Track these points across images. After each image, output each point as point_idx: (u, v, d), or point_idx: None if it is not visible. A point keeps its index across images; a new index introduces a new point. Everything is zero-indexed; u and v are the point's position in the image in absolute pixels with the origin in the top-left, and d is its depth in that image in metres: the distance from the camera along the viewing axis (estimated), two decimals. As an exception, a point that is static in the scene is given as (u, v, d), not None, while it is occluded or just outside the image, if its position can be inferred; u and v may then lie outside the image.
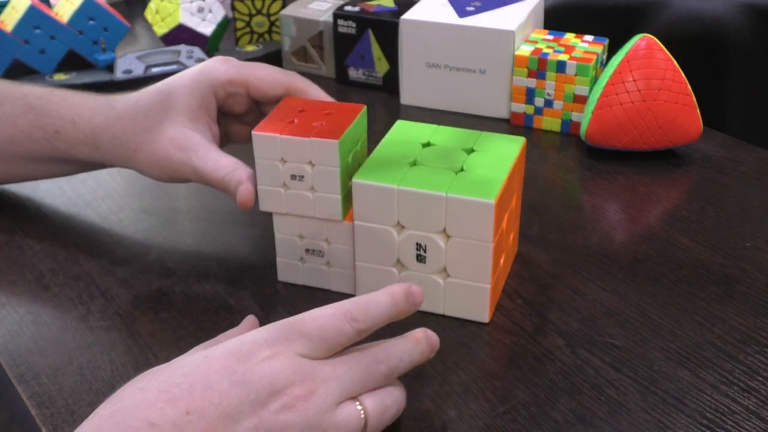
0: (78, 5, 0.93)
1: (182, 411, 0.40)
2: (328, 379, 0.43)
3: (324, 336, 0.44)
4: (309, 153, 0.55)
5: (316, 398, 0.42)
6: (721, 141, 0.81)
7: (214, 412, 0.40)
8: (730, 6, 1.01)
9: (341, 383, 0.44)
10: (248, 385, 0.41)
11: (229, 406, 0.41)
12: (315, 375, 0.43)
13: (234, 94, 0.62)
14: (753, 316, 0.58)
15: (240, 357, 0.42)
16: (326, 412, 0.43)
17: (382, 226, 0.55)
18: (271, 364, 0.42)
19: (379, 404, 0.45)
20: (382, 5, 0.90)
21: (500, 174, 0.55)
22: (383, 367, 0.45)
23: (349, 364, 0.44)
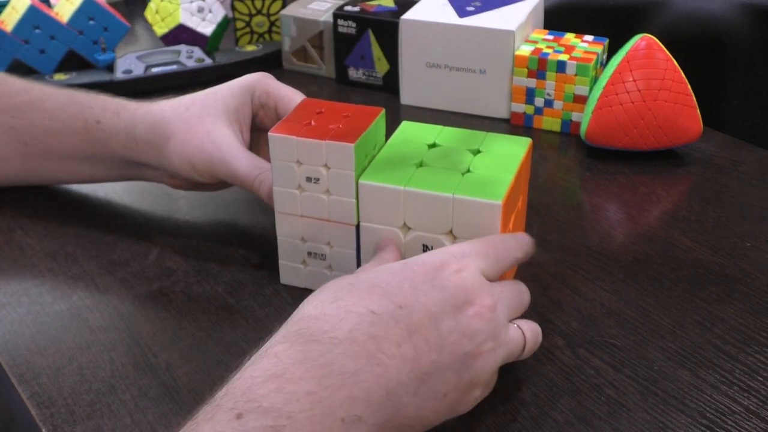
0: (78, 5, 0.93)
1: (396, 305, 0.44)
2: (503, 297, 0.48)
3: (499, 257, 0.50)
4: (324, 156, 0.55)
5: (499, 312, 0.47)
6: (721, 141, 0.81)
7: (421, 308, 0.45)
8: (730, 6, 1.01)
9: (509, 303, 0.49)
10: (447, 290, 0.46)
11: (434, 305, 0.45)
12: (493, 291, 0.48)
13: (265, 105, 0.63)
14: (753, 316, 0.58)
15: (435, 266, 0.47)
16: (503, 327, 0.48)
17: (389, 227, 0.55)
18: (463, 276, 0.47)
19: (534, 330, 0.50)
20: (382, 5, 0.90)
21: (507, 175, 0.55)
22: (525, 297, 0.52)
23: (510, 289, 0.50)
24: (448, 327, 0.45)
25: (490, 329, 0.46)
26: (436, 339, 0.44)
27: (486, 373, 0.46)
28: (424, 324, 0.44)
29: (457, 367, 0.45)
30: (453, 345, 0.45)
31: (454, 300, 0.46)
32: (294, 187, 0.57)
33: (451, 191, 0.53)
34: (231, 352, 0.55)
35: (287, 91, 0.63)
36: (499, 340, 0.47)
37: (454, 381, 0.45)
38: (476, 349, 0.45)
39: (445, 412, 0.46)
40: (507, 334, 0.48)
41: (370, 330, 0.43)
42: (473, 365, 0.45)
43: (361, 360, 0.42)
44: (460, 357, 0.45)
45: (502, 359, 0.47)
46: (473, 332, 0.45)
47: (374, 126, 0.57)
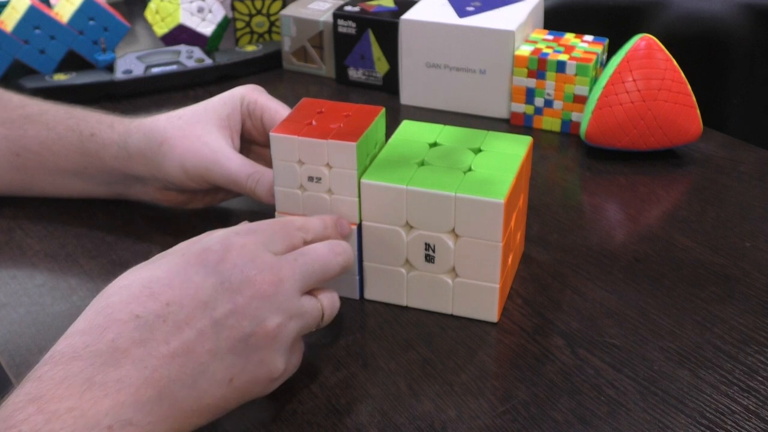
0: (78, 5, 0.93)
1: (163, 303, 0.44)
2: (295, 269, 0.48)
3: (283, 235, 0.50)
4: (327, 155, 0.55)
5: (286, 286, 0.47)
6: (721, 141, 0.81)
7: (191, 301, 0.44)
8: (730, 6, 1.01)
9: (304, 273, 0.49)
10: (222, 274, 0.46)
11: (205, 294, 0.45)
12: (281, 266, 0.48)
13: (252, 115, 0.65)
14: (753, 316, 0.58)
15: (214, 250, 0.47)
16: (292, 299, 0.48)
17: (391, 226, 0.55)
18: (242, 254, 0.47)
19: (331, 299, 0.51)
20: (382, 5, 0.90)
21: (508, 174, 0.55)
22: (337, 260, 0.52)
23: (307, 258, 0.50)
24: (223, 312, 0.45)
25: (273, 305, 0.46)
26: (211, 327, 0.44)
27: (280, 350, 0.47)
28: (196, 315, 0.44)
29: (240, 349, 0.45)
30: (231, 329, 0.45)
31: (230, 283, 0.45)
32: (296, 187, 0.57)
33: (453, 190, 0.53)
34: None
35: (274, 104, 0.65)
36: (288, 313, 0.47)
37: (239, 365, 0.45)
38: (259, 328, 0.45)
39: (237, 396, 0.46)
40: (299, 305, 0.48)
41: (133, 335, 0.42)
42: (260, 344, 0.46)
43: (125, 367, 0.41)
44: (242, 339, 0.45)
45: (295, 332, 0.48)
46: (254, 312, 0.45)
47: (375, 125, 0.57)
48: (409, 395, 0.51)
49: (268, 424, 0.49)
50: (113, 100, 0.90)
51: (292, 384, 0.52)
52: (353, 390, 0.52)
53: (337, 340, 0.56)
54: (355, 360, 0.54)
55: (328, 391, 0.52)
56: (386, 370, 0.53)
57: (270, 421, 0.49)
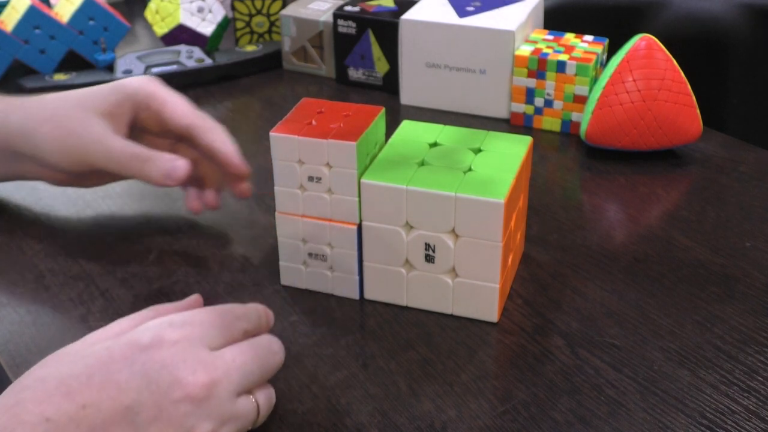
0: (78, 5, 0.93)
1: (79, 405, 0.40)
2: (230, 371, 0.44)
3: (222, 326, 0.46)
4: (327, 155, 0.55)
5: (220, 388, 0.43)
6: (721, 141, 0.81)
7: (111, 404, 0.40)
8: (730, 6, 1.01)
9: (245, 372, 0.45)
10: (148, 375, 0.42)
11: (127, 397, 0.41)
12: (216, 364, 0.44)
13: (149, 108, 0.63)
14: (753, 316, 0.58)
15: (142, 345, 0.43)
16: (226, 403, 0.44)
17: (391, 226, 0.56)
18: (174, 351, 0.43)
19: (268, 398, 0.47)
20: (382, 5, 0.90)
21: (508, 174, 0.55)
22: (276, 358, 0.48)
23: (250, 353, 0.46)
24: (147, 418, 0.41)
25: (204, 411, 0.42)
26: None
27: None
28: (115, 420, 0.40)
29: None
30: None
31: (157, 385, 0.41)
32: (296, 187, 0.57)
33: (454, 190, 0.53)
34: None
35: (174, 98, 0.63)
36: (221, 419, 0.43)
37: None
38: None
39: None
40: (233, 409, 0.44)
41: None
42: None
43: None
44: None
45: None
46: (181, 419, 0.41)
47: (375, 125, 0.57)
48: (409, 395, 0.51)
49: (268, 424, 0.49)
50: (113, 100, 0.90)
51: (292, 384, 0.52)
52: (353, 390, 0.52)
53: (337, 340, 0.56)
54: (355, 360, 0.54)
55: (328, 391, 0.52)
56: (386, 370, 0.53)
57: (270, 421, 0.49)
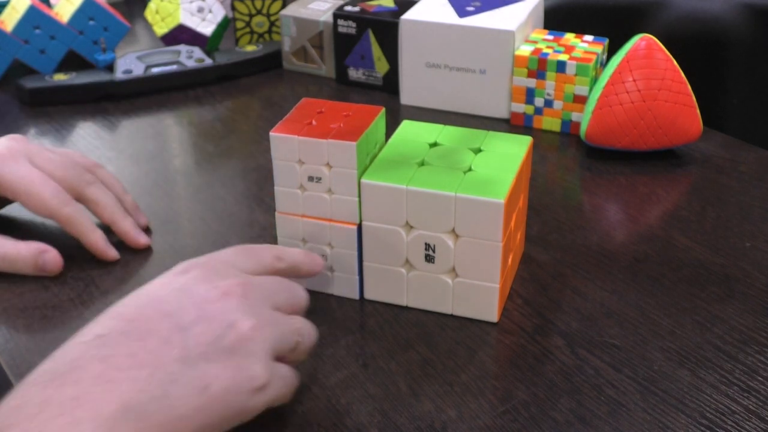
0: (78, 5, 0.93)
1: (126, 321, 0.43)
2: (262, 283, 0.47)
3: (252, 254, 0.50)
4: (327, 155, 0.55)
5: (253, 290, 0.46)
6: (721, 141, 0.81)
7: (155, 313, 0.43)
8: (730, 6, 1.01)
9: (272, 291, 0.48)
10: (185, 288, 0.45)
11: (169, 306, 0.44)
12: (247, 278, 0.47)
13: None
14: (753, 316, 0.58)
15: (176, 272, 0.46)
16: (264, 307, 0.46)
17: (391, 226, 0.56)
18: (206, 269, 0.46)
19: (308, 326, 0.50)
20: (382, 5, 0.90)
21: (508, 174, 0.55)
22: (299, 292, 0.51)
23: (274, 281, 0.49)
24: (190, 318, 0.43)
25: (243, 307, 0.45)
26: (178, 334, 0.42)
27: (257, 354, 0.44)
28: (161, 326, 0.43)
29: (212, 354, 0.42)
30: (200, 335, 0.43)
31: (195, 293, 0.45)
32: (296, 187, 0.57)
33: (454, 190, 0.53)
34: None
35: (27, 185, 0.62)
36: (261, 318, 0.45)
37: (214, 371, 0.42)
38: (231, 330, 0.43)
39: (216, 409, 0.42)
40: (271, 314, 0.46)
41: (94, 353, 0.41)
42: (234, 348, 0.43)
43: (83, 384, 0.39)
44: (213, 343, 0.43)
45: (272, 341, 0.45)
46: (223, 315, 0.44)
47: (375, 124, 0.57)
48: (409, 395, 0.51)
49: (269, 424, 0.49)
50: (113, 100, 0.90)
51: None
52: (353, 390, 0.52)
53: (337, 340, 0.56)
54: (355, 360, 0.54)
55: (328, 391, 0.52)
56: (386, 370, 0.53)
57: (270, 421, 0.49)
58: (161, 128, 0.85)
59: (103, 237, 0.63)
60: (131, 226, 0.65)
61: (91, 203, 0.65)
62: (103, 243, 0.63)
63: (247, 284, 0.46)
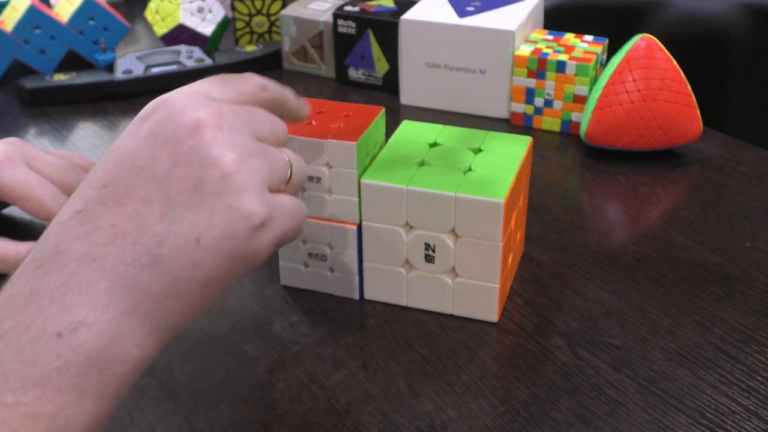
0: (78, 5, 0.93)
1: (99, 187, 0.39)
2: (234, 109, 0.41)
3: (228, 83, 0.43)
4: (326, 155, 0.55)
5: (228, 117, 0.40)
6: (721, 141, 0.81)
7: (127, 172, 0.39)
8: (730, 6, 1.01)
9: (249, 116, 0.42)
10: (152, 131, 0.40)
11: (140, 159, 0.39)
12: (216, 105, 0.41)
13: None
14: (753, 316, 0.58)
15: (141, 117, 0.41)
16: (244, 135, 0.40)
17: (391, 226, 0.56)
18: (174, 104, 0.41)
19: (298, 159, 0.44)
20: (382, 5, 0.90)
21: (508, 174, 0.55)
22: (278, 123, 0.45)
23: (251, 108, 0.43)
24: (164, 167, 0.38)
25: (222, 141, 0.39)
26: (157, 190, 0.38)
27: (249, 189, 0.39)
28: (136, 184, 0.38)
29: (197, 202, 0.38)
30: (179, 182, 0.38)
31: (163, 136, 0.39)
32: None
33: (454, 190, 0.53)
34: (231, 352, 0.55)
35: (25, 188, 0.62)
36: (244, 149, 0.40)
37: (203, 219, 0.38)
38: (212, 169, 0.38)
39: (215, 259, 0.38)
40: (255, 144, 0.41)
41: (75, 231, 0.37)
42: (220, 188, 0.38)
43: (69, 266, 0.37)
44: (196, 188, 0.38)
45: (262, 172, 0.40)
46: (200, 153, 0.39)
47: (375, 125, 0.57)
48: (409, 395, 0.51)
49: (268, 424, 0.49)
50: (113, 100, 0.90)
51: (292, 384, 0.52)
52: (353, 390, 0.52)
53: (337, 340, 0.56)
54: (355, 360, 0.54)
55: (328, 391, 0.52)
56: (386, 370, 0.53)
57: (270, 421, 0.49)
58: (161, 128, 0.85)
59: None
60: None
61: None
62: None
63: (221, 113, 0.40)
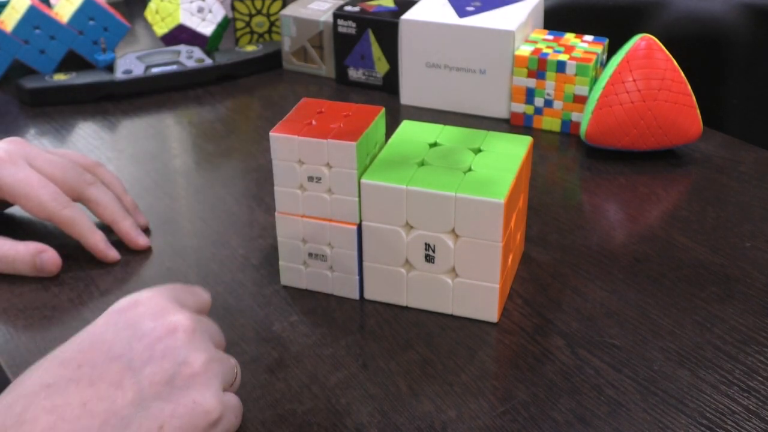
0: (78, 5, 0.93)
1: (74, 367, 0.42)
2: (201, 320, 0.47)
3: (189, 292, 0.50)
4: (327, 155, 0.55)
5: (201, 325, 0.46)
6: (721, 141, 0.81)
7: (104, 357, 0.42)
8: (730, 6, 1.01)
9: (210, 329, 0.48)
10: (132, 326, 0.44)
11: (118, 348, 0.43)
12: (190, 313, 0.46)
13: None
14: (753, 316, 0.58)
15: (120, 309, 0.45)
16: (209, 341, 0.46)
17: (391, 226, 0.56)
18: (152, 303, 0.45)
19: (237, 365, 0.49)
20: (382, 5, 0.90)
21: (508, 174, 0.55)
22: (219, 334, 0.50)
23: (205, 320, 0.49)
24: (141, 359, 0.42)
25: (194, 344, 0.44)
26: (130, 377, 0.42)
27: (211, 388, 0.44)
28: (111, 369, 0.42)
29: (166, 394, 0.42)
30: (153, 375, 0.42)
31: (143, 332, 0.43)
32: (296, 187, 0.57)
33: (454, 190, 0.53)
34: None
35: (24, 187, 0.62)
36: (209, 353, 0.45)
37: (168, 410, 0.42)
38: (184, 367, 0.43)
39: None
40: (216, 351, 0.46)
41: (44, 404, 0.40)
42: (188, 384, 0.43)
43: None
44: (167, 382, 0.42)
45: (221, 375, 0.45)
46: (175, 353, 0.43)
47: (375, 125, 0.57)
48: (409, 395, 0.51)
49: (268, 424, 0.49)
50: (113, 100, 0.90)
51: (292, 384, 0.52)
52: (353, 390, 0.52)
53: (337, 340, 0.56)
54: (355, 360, 0.54)
55: (328, 391, 0.52)
56: (386, 370, 0.53)
57: (270, 421, 0.49)
58: (161, 128, 0.85)
59: (103, 238, 0.63)
60: (131, 227, 0.65)
61: (91, 203, 0.65)
62: (104, 244, 0.63)
63: (193, 320, 0.45)
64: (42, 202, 0.62)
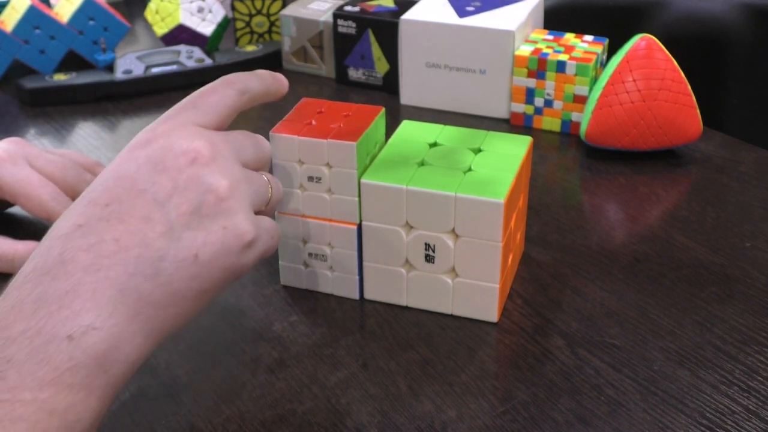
0: (78, 5, 0.93)
1: (102, 205, 0.42)
2: (226, 139, 0.47)
3: (211, 102, 0.48)
4: (327, 155, 0.55)
5: (220, 148, 0.45)
6: (721, 141, 0.81)
7: (129, 193, 0.43)
8: (730, 6, 1.01)
9: (237, 146, 0.47)
10: (152, 159, 0.44)
11: (142, 182, 0.43)
12: (212, 137, 0.45)
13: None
14: (753, 316, 0.58)
15: (140, 144, 0.45)
16: (233, 163, 0.45)
17: (391, 226, 0.56)
18: (169, 136, 0.45)
19: (276, 181, 0.50)
20: (382, 5, 0.90)
21: (508, 174, 0.55)
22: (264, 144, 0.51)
23: (237, 135, 0.49)
24: (165, 191, 0.43)
25: (216, 170, 0.44)
26: (157, 211, 0.42)
27: (240, 211, 0.44)
28: (137, 204, 0.42)
29: (196, 223, 0.43)
30: (179, 206, 0.43)
31: (164, 163, 0.43)
32: (296, 187, 0.57)
33: (454, 190, 0.53)
34: (231, 352, 0.55)
35: (24, 187, 0.62)
36: (234, 176, 0.45)
37: (200, 238, 0.43)
38: (208, 194, 0.43)
39: (210, 273, 0.43)
40: (242, 171, 0.46)
41: (79, 243, 0.41)
42: (216, 211, 0.43)
43: (75, 275, 0.40)
44: (194, 212, 0.43)
45: (249, 196, 0.46)
46: (198, 181, 0.43)
47: (375, 125, 0.57)
48: (409, 395, 0.51)
49: (268, 424, 0.49)
50: (113, 100, 0.90)
51: (292, 384, 0.52)
52: (353, 390, 0.52)
53: (337, 340, 0.56)
54: (355, 360, 0.54)
55: (328, 391, 0.52)
56: (386, 370, 0.53)
57: (270, 421, 0.49)
58: (161, 128, 0.85)
59: None
60: None
61: None
62: None
63: (213, 143, 0.45)
64: (42, 201, 0.62)
